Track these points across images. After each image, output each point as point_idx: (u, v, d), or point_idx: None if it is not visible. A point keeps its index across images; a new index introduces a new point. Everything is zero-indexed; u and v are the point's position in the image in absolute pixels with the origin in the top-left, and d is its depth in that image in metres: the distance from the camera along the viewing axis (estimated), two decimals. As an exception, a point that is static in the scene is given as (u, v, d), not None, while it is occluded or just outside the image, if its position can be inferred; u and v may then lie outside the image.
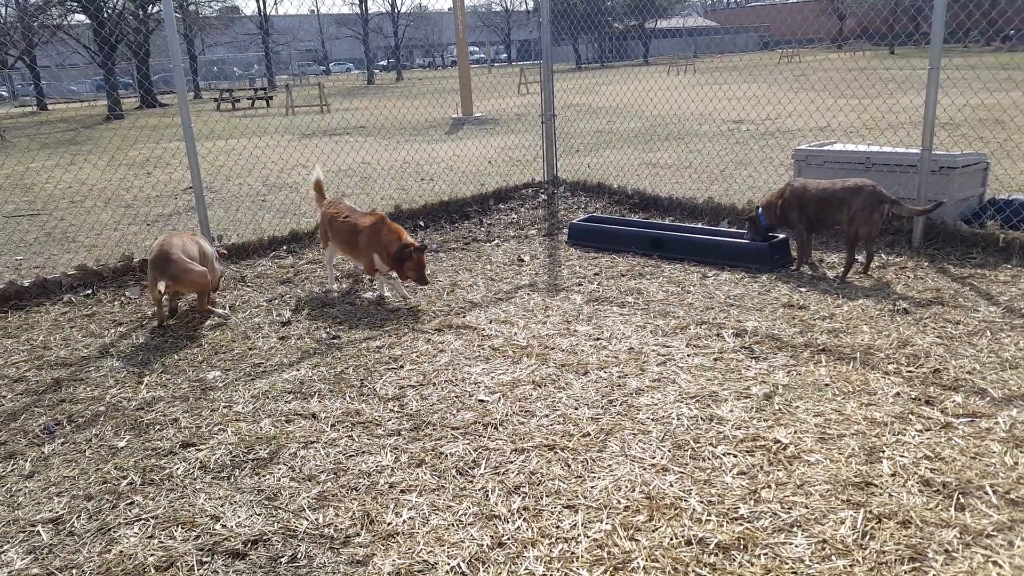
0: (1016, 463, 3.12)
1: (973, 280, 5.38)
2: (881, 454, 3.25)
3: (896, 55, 25.48)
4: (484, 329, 5.02)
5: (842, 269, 5.68)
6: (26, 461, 3.62)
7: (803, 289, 5.43)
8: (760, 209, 6.11)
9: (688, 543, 2.75)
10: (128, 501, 3.24)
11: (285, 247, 7.21)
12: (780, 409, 3.69)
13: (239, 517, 3.08)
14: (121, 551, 2.90)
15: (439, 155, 12.79)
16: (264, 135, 14.96)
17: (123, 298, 6.04)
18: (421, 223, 7.92)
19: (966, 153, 6.47)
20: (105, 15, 31.75)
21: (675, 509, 2.96)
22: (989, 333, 4.45)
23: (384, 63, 74.31)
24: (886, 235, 6.27)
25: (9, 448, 3.75)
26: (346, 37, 66.46)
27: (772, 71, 24.37)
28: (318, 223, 6.36)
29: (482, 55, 63.01)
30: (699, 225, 7.14)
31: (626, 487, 3.13)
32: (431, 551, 2.80)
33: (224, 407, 4.08)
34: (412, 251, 5.45)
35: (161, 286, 5.01)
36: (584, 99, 18.48)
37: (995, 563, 2.57)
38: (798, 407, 3.70)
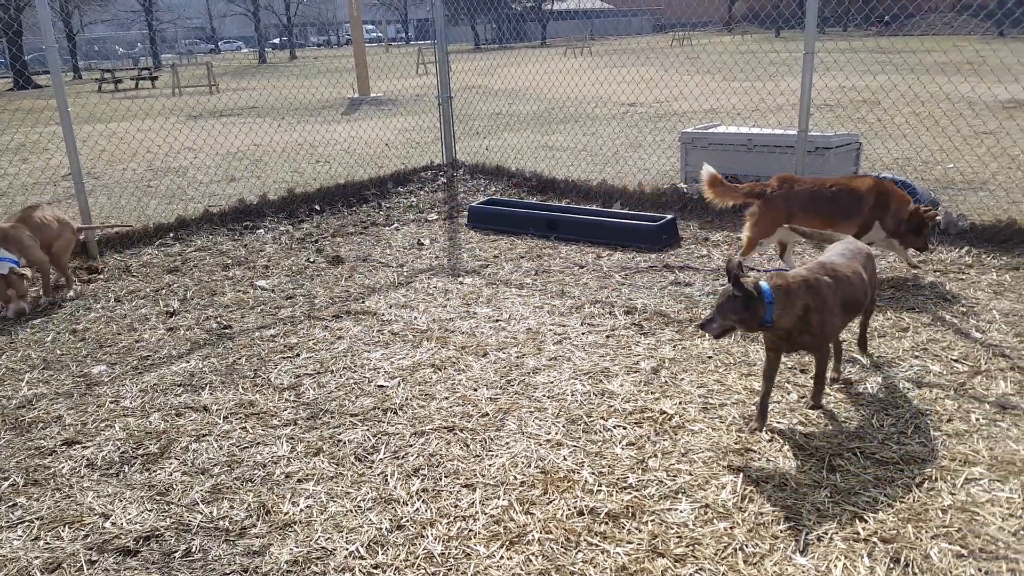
0: (882, 425, 3.38)
1: (845, 254, 5.71)
2: (759, 421, 3.45)
3: (782, 38, 26.52)
4: (384, 314, 5.02)
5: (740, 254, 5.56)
6: None
7: (689, 268, 5.66)
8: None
9: (580, 514, 2.87)
10: (10, 503, 3.11)
11: (172, 234, 6.96)
12: (666, 382, 3.87)
13: (130, 514, 3.00)
14: (3, 555, 2.79)
15: (335, 136, 12.54)
16: (149, 117, 14.28)
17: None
18: (317, 207, 7.79)
19: (840, 134, 6.85)
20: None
21: (568, 482, 3.07)
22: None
23: (276, 41, 71.91)
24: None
25: None
26: (236, 14, 63.88)
27: (665, 54, 24.97)
28: (754, 215, 5.22)
29: (379, 34, 61.84)
30: (594, 207, 7.31)
31: (522, 463, 3.22)
32: (329, 538, 2.82)
33: (111, 402, 3.94)
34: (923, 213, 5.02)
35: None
36: (483, 80, 18.46)
37: (861, 518, 2.78)
38: (683, 379, 3.88)
